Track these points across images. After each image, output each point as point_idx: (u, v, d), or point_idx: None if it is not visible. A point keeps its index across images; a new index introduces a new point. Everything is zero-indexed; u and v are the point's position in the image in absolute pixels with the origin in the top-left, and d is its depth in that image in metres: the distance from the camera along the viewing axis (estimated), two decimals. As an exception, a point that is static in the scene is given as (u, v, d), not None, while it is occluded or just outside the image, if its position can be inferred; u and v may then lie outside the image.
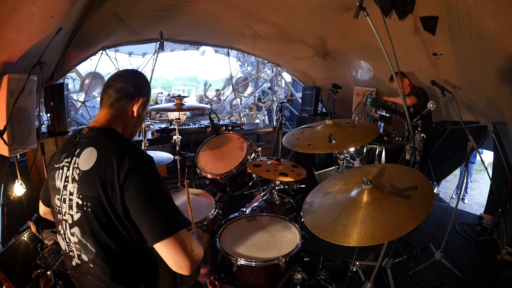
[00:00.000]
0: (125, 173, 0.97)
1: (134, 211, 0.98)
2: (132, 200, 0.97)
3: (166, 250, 0.97)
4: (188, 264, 0.98)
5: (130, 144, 1.08)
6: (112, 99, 1.10)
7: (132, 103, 1.13)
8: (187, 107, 2.58)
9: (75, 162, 1.05)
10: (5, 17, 1.67)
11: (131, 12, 3.28)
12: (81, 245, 1.04)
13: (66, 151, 1.10)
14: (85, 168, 1.01)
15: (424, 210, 1.17)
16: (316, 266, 2.10)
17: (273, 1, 3.38)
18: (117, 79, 1.12)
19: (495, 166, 3.53)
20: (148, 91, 1.20)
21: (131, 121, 1.16)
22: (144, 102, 1.16)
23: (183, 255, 0.97)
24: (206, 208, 1.98)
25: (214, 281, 1.48)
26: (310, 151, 1.85)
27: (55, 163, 1.12)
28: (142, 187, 0.98)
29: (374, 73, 4.03)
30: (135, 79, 1.15)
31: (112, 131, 1.09)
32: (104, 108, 1.11)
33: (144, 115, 1.22)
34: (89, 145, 1.04)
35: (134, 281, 1.10)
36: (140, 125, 1.23)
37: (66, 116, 2.91)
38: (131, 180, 0.97)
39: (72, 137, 1.12)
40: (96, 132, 1.08)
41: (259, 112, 7.10)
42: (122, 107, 1.12)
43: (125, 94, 1.11)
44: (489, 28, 2.39)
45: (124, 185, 0.97)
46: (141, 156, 1.04)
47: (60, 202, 1.07)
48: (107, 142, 1.05)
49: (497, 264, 2.46)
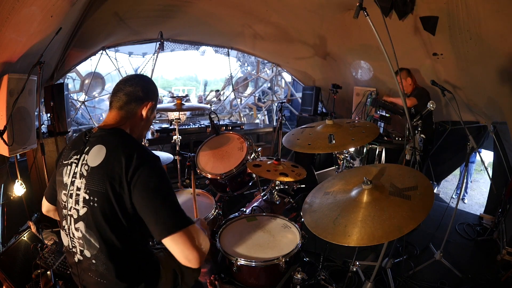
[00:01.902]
0: (133, 170, 1.00)
1: (141, 206, 1.01)
2: (139, 196, 1.00)
3: (175, 244, 0.99)
4: (198, 257, 1.00)
5: (138, 143, 1.12)
6: (122, 102, 1.15)
7: (141, 106, 1.18)
8: (187, 107, 2.58)
9: (84, 159, 1.08)
10: (5, 17, 1.67)
11: (131, 12, 3.28)
12: (85, 240, 1.06)
13: (75, 148, 1.13)
14: (94, 164, 1.04)
15: (424, 210, 1.17)
16: (316, 266, 2.10)
17: (273, 1, 3.38)
18: (127, 83, 1.17)
19: (495, 166, 3.53)
20: (156, 95, 1.25)
21: (139, 123, 1.20)
22: (152, 106, 1.21)
23: (193, 249, 0.99)
24: (206, 208, 1.98)
25: (214, 281, 1.48)
26: (310, 151, 1.85)
27: (63, 160, 1.15)
28: (150, 183, 1.01)
29: (374, 73, 4.03)
30: (144, 84, 1.20)
31: (121, 131, 1.13)
32: (114, 110, 1.16)
33: (152, 118, 1.26)
34: (98, 142, 1.08)
35: (136, 279, 1.11)
36: (147, 128, 1.27)
37: (66, 116, 2.91)
38: (139, 176, 1.00)
39: (81, 136, 1.16)
40: (106, 131, 1.12)
41: (259, 112, 7.10)
42: (132, 110, 1.16)
43: (134, 98, 1.16)
44: (489, 28, 2.39)
45: (132, 181, 1.00)
46: (149, 154, 1.08)
47: (66, 197, 1.09)
48: (116, 140, 1.09)
49: (497, 264, 2.46)
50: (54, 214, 1.31)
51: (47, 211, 1.33)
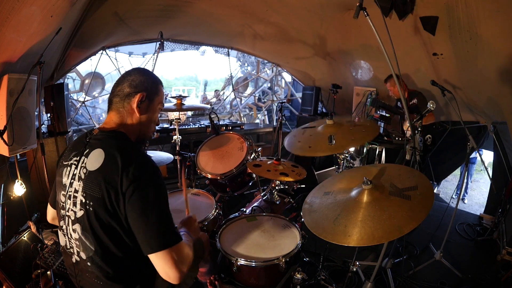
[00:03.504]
0: (129, 181, 0.99)
1: (132, 219, 1.01)
2: (131, 209, 0.99)
3: (158, 261, 1.01)
4: (177, 276, 1.02)
5: (137, 150, 1.10)
6: (113, 103, 1.16)
7: (132, 101, 1.15)
8: (187, 107, 2.58)
9: (83, 162, 1.08)
10: (5, 17, 1.67)
11: (131, 12, 3.28)
12: (81, 242, 1.06)
13: (75, 149, 1.13)
14: (92, 169, 1.04)
15: (424, 210, 1.17)
16: (316, 266, 2.10)
17: (273, 1, 3.38)
18: (116, 84, 1.17)
19: (495, 166, 3.53)
20: (148, 85, 1.17)
21: (137, 120, 1.17)
22: (142, 98, 1.15)
23: (174, 268, 1.01)
24: (206, 208, 1.97)
25: (214, 281, 1.48)
26: (311, 154, 1.86)
27: (64, 161, 1.15)
28: (143, 198, 1.00)
29: (374, 73, 4.03)
30: (130, 78, 1.16)
31: (121, 135, 1.12)
32: (111, 111, 1.17)
33: (153, 109, 1.20)
34: (98, 146, 1.07)
35: (131, 281, 1.11)
36: (149, 124, 1.22)
37: (66, 116, 2.90)
38: (134, 190, 0.99)
39: (82, 137, 1.15)
40: (106, 134, 1.11)
41: (259, 112, 7.10)
42: (123, 107, 1.15)
43: (123, 96, 1.14)
44: (489, 28, 2.39)
45: (126, 192, 0.99)
46: (147, 166, 1.05)
47: (65, 198, 1.10)
48: (115, 145, 1.07)
49: (497, 264, 2.46)
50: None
51: (52, 218, 1.30)
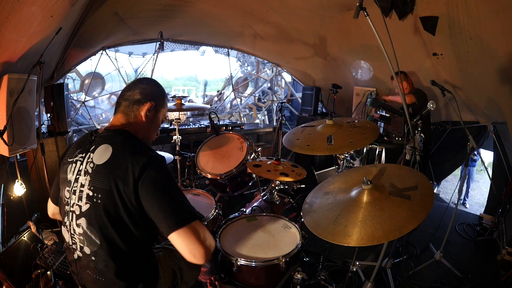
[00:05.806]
0: (140, 168, 1.02)
1: (149, 203, 1.03)
2: (147, 193, 1.02)
3: (180, 239, 1.01)
4: (203, 252, 1.02)
5: (143, 144, 1.17)
6: (122, 106, 1.22)
7: (141, 108, 1.22)
8: (187, 107, 2.58)
9: (90, 157, 1.11)
10: (5, 17, 1.67)
11: (131, 12, 3.28)
12: (85, 237, 1.07)
13: (80, 147, 1.17)
14: (99, 162, 1.07)
15: (424, 210, 1.17)
16: (316, 266, 2.10)
17: (273, 1, 3.38)
18: (127, 88, 1.25)
19: (495, 166, 3.53)
20: (157, 96, 1.27)
21: (143, 125, 1.24)
22: (151, 107, 1.23)
23: (198, 244, 1.02)
24: (206, 208, 1.97)
25: (214, 281, 1.48)
26: (309, 152, 1.86)
27: (68, 158, 1.18)
28: (158, 181, 1.04)
29: (374, 73, 4.03)
30: (142, 86, 1.25)
31: (127, 132, 1.17)
32: (118, 113, 1.23)
33: (158, 119, 1.30)
34: (104, 142, 1.11)
35: (134, 278, 1.12)
36: (154, 130, 1.30)
37: (66, 116, 2.90)
38: (147, 174, 1.03)
39: (88, 135, 1.20)
40: (112, 132, 1.16)
41: (259, 112, 7.10)
42: (131, 112, 1.21)
43: (132, 101, 1.22)
44: (489, 28, 2.39)
45: (140, 179, 1.02)
46: (155, 154, 1.12)
47: (70, 194, 1.12)
48: (122, 140, 1.12)
49: (497, 264, 2.46)
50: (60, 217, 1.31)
51: (53, 214, 1.34)
